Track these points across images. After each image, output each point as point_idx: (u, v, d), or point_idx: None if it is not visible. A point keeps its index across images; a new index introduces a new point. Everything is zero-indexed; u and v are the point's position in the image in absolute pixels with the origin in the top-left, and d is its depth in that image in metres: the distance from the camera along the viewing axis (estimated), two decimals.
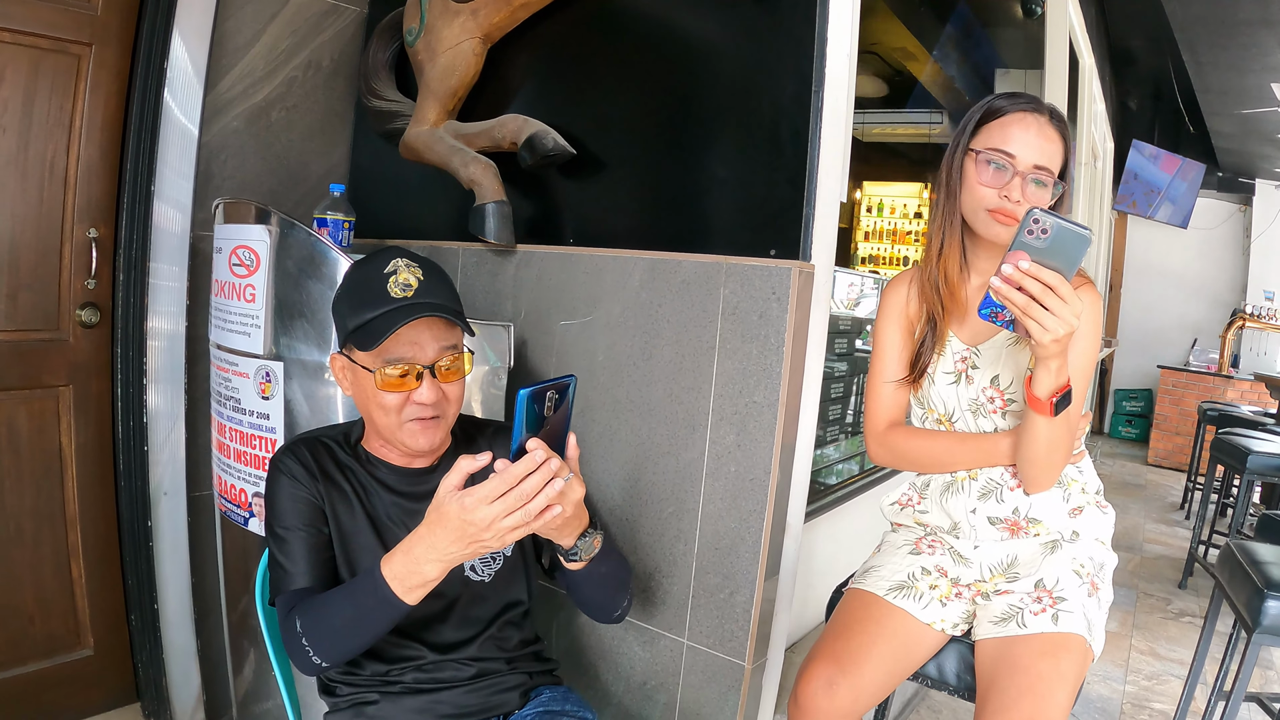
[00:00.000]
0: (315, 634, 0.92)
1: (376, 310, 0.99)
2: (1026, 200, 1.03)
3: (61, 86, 1.70)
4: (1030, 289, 0.88)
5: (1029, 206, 1.01)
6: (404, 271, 1.01)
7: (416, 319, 0.98)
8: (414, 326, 0.99)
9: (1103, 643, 1.05)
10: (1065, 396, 0.98)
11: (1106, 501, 1.16)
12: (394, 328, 0.97)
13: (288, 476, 1.02)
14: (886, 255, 7.45)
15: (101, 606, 1.85)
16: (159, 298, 1.78)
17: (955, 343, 1.13)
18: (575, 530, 0.96)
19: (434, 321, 1.01)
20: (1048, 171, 1.03)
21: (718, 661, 1.34)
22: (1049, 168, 1.03)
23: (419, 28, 1.69)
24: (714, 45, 1.39)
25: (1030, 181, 1.03)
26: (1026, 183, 1.03)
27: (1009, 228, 1.03)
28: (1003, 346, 1.10)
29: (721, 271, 1.31)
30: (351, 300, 1.03)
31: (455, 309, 1.04)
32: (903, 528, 1.24)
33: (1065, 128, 1.06)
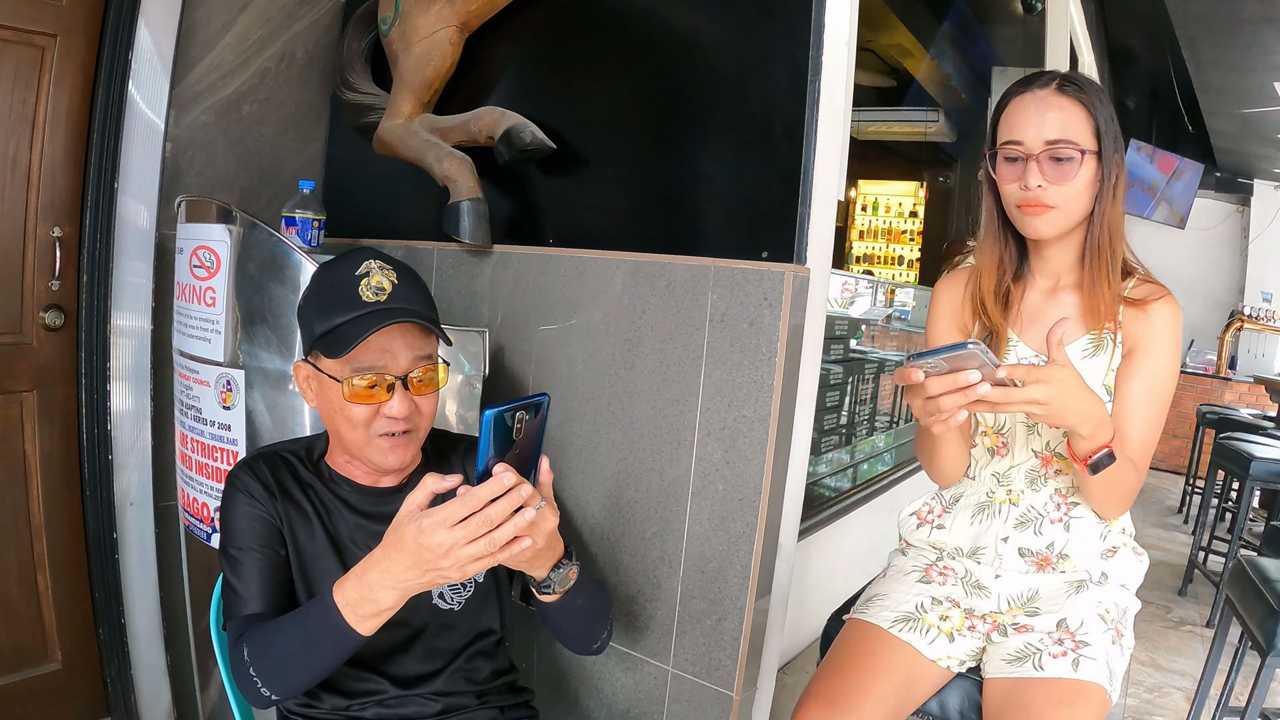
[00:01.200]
0: (263, 664, 0.85)
1: (346, 315, 0.92)
2: (1048, 182, 0.96)
3: (24, 79, 1.64)
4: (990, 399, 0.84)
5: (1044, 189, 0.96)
6: (377, 274, 0.94)
7: (389, 325, 0.91)
8: (386, 334, 0.92)
9: (1119, 693, 0.98)
10: (1105, 456, 0.92)
11: (1142, 548, 1.09)
12: (365, 334, 0.90)
13: (244, 493, 0.96)
14: (881, 254, 7.42)
15: (69, 619, 1.79)
16: (124, 300, 1.72)
17: (1022, 348, 1.06)
18: (548, 562, 0.89)
19: (408, 329, 0.94)
20: (1066, 143, 0.95)
21: (705, 691, 1.27)
22: (1065, 138, 0.95)
23: (394, 16, 1.63)
24: (702, 33, 1.32)
25: (1047, 160, 0.96)
26: (1043, 163, 0.96)
27: (1041, 217, 0.98)
28: (1078, 357, 1.02)
29: (710, 275, 1.25)
30: (319, 303, 0.95)
31: (431, 316, 0.97)
32: (913, 549, 1.16)
33: (1084, 90, 0.97)
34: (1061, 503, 1.05)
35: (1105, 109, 0.97)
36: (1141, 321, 1.00)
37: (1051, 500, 1.05)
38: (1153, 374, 1.00)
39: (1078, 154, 0.96)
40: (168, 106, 1.72)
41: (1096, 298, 1.00)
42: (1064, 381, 0.86)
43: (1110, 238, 1.00)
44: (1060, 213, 0.98)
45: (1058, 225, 1.00)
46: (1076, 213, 0.99)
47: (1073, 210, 0.99)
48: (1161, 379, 1.00)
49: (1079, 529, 1.04)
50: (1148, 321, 1.00)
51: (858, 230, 7.51)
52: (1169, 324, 1.00)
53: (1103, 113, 0.97)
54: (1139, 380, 1.00)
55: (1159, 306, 1.00)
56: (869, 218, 7.44)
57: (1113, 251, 1.00)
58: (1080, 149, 0.96)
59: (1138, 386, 1.00)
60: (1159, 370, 1.00)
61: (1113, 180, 0.99)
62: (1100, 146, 0.97)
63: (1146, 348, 1.00)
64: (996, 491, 1.08)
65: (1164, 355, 1.00)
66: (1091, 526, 1.04)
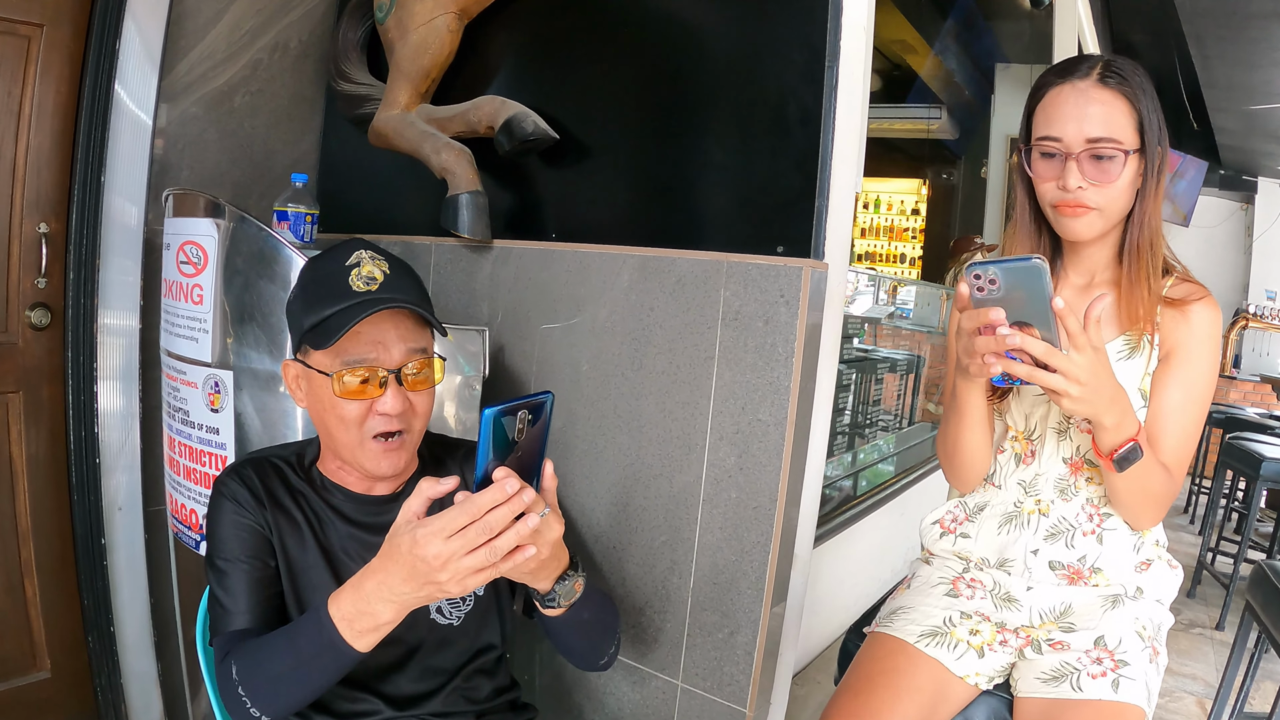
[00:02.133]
0: (252, 682, 0.80)
1: (335, 305, 0.88)
2: (1088, 183, 0.91)
3: (9, 70, 1.60)
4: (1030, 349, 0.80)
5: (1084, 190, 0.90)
6: (368, 264, 0.90)
7: (380, 311, 0.87)
8: (378, 323, 0.88)
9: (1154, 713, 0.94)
10: (1132, 450, 0.87)
11: (1176, 560, 1.04)
12: (354, 320, 0.85)
13: (231, 501, 0.91)
14: (883, 252, 7.41)
15: (58, 627, 1.76)
16: (111, 298, 1.68)
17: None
18: (553, 573, 0.84)
19: (400, 318, 0.89)
20: (1109, 141, 0.89)
21: (716, 707, 1.22)
22: (1108, 136, 0.89)
23: (390, 3, 1.59)
24: (712, 15, 1.27)
25: (1087, 159, 0.91)
26: (1083, 162, 0.91)
27: (1081, 219, 0.93)
28: (1113, 359, 0.97)
29: (722, 271, 1.20)
30: (308, 296, 0.91)
31: (424, 306, 0.92)
32: (937, 559, 1.11)
33: (1127, 80, 0.91)
34: (1094, 514, 1.00)
35: (1149, 99, 0.91)
36: (1180, 324, 0.95)
37: (1084, 511, 1.00)
38: (1191, 380, 0.95)
39: (1121, 153, 0.90)
40: (156, 98, 1.68)
41: (1135, 299, 0.95)
42: (1103, 361, 0.82)
43: (1152, 238, 0.95)
44: (1100, 214, 0.93)
45: (1097, 228, 0.94)
46: (1117, 212, 0.94)
47: (1113, 210, 0.94)
48: (1199, 386, 0.95)
49: (1112, 541, 0.99)
50: (1186, 324, 0.95)
51: (859, 228, 7.49)
52: (1209, 327, 0.95)
53: (1146, 104, 0.91)
54: (1176, 387, 0.95)
55: (1199, 309, 0.95)
56: (871, 215, 7.43)
57: (1154, 252, 0.95)
58: (1124, 149, 0.90)
59: (1175, 393, 0.95)
60: (1198, 376, 0.95)
61: (1155, 176, 0.93)
62: (1144, 142, 0.91)
63: (1185, 352, 0.95)
64: (1024, 501, 1.02)
65: (1203, 361, 0.95)
66: (1125, 539, 0.99)
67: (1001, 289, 0.79)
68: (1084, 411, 0.84)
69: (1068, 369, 0.79)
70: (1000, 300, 0.79)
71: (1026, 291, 0.78)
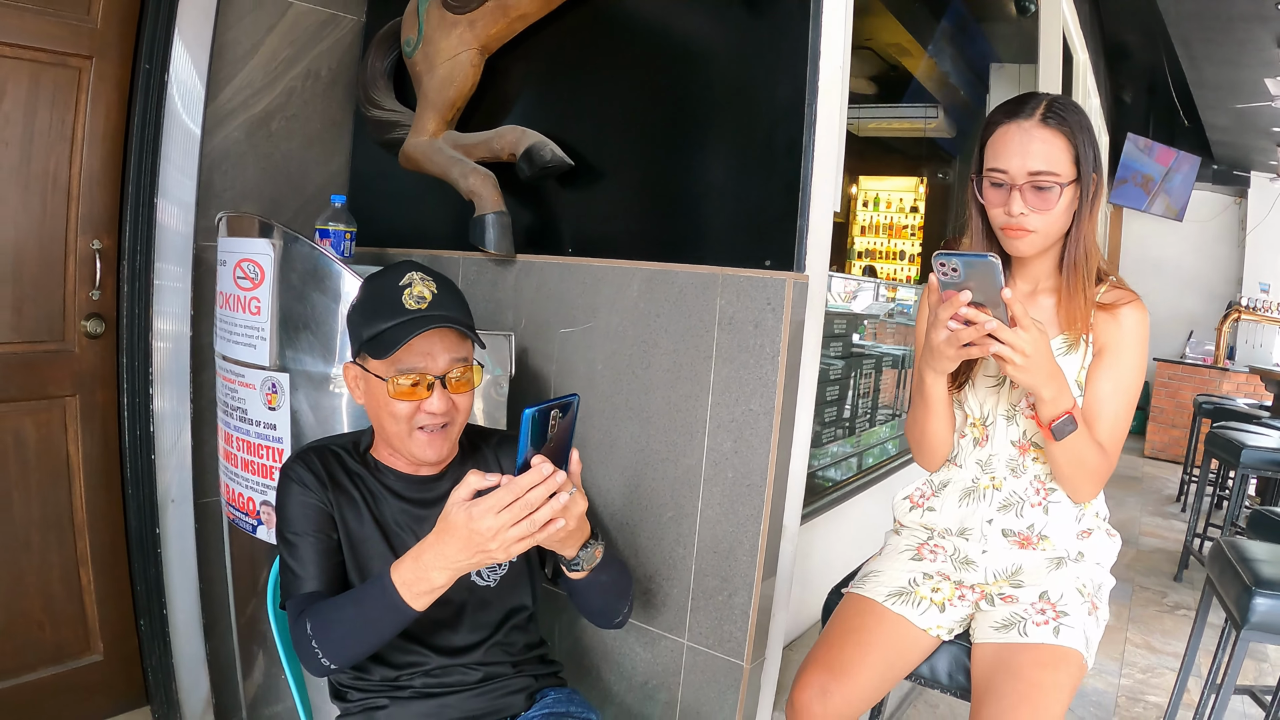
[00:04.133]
0: (325, 637, 0.95)
1: (391, 321, 1.02)
2: (1030, 210, 1.04)
3: (62, 99, 1.72)
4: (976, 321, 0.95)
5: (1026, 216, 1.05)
6: (418, 284, 1.04)
7: (429, 330, 1.01)
8: (426, 338, 1.02)
9: (1094, 661, 1.07)
10: (1067, 422, 1.01)
11: (1115, 530, 1.18)
12: (408, 337, 1.00)
13: (298, 484, 1.05)
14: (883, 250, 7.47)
15: (110, 613, 1.88)
16: (164, 307, 1.81)
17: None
18: (577, 542, 0.99)
19: (446, 333, 1.04)
20: (1047, 174, 1.03)
21: (717, 661, 1.37)
22: (1047, 169, 1.03)
23: (417, 38, 1.71)
24: (708, 57, 1.41)
25: (1029, 189, 1.04)
26: (1026, 192, 1.04)
27: (1023, 239, 1.07)
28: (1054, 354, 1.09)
29: (717, 282, 1.34)
30: (366, 311, 1.06)
31: (467, 322, 1.07)
32: (906, 530, 1.25)
33: (1065, 120, 1.03)
34: (1041, 488, 1.14)
35: (1086, 134, 1.05)
36: (1111, 325, 1.09)
37: (1032, 486, 1.14)
38: (1120, 372, 1.09)
39: (1058, 185, 1.03)
40: (202, 124, 1.80)
41: (1072, 306, 1.09)
42: (1044, 339, 0.97)
43: (1086, 254, 1.09)
44: (1040, 235, 1.07)
45: (1037, 246, 1.08)
46: (1055, 232, 1.08)
47: (1052, 231, 1.07)
48: (1128, 377, 1.09)
49: (1057, 512, 1.13)
50: (1117, 325, 1.09)
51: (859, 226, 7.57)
52: (1137, 327, 1.09)
53: (1083, 139, 1.04)
54: (1107, 379, 1.09)
55: (1127, 311, 1.09)
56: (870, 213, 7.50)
57: (1088, 266, 1.09)
58: (1061, 181, 1.04)
59: (1106, 384, 1.09)
60: (1126, 369, 1.09)
61: (1090, 200, 1.07)
62: (1079, 172, 1.05)
63: (1115, 349, 1.09)
64: (981, 478, 1.17)
65: (1131, 356, 1.09)
66: (1068, 510, 1.13)
67: (962, 275, 0.94)
68: (1026, 381, 0.98)
69: (1014, 341, 0.95)
70: (959, 286, 0.95)
71: (981, 281, 0.94)
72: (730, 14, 1.37)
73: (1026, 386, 1.01)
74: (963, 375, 1.15)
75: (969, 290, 0.95)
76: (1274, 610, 1.47)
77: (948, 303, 0.97)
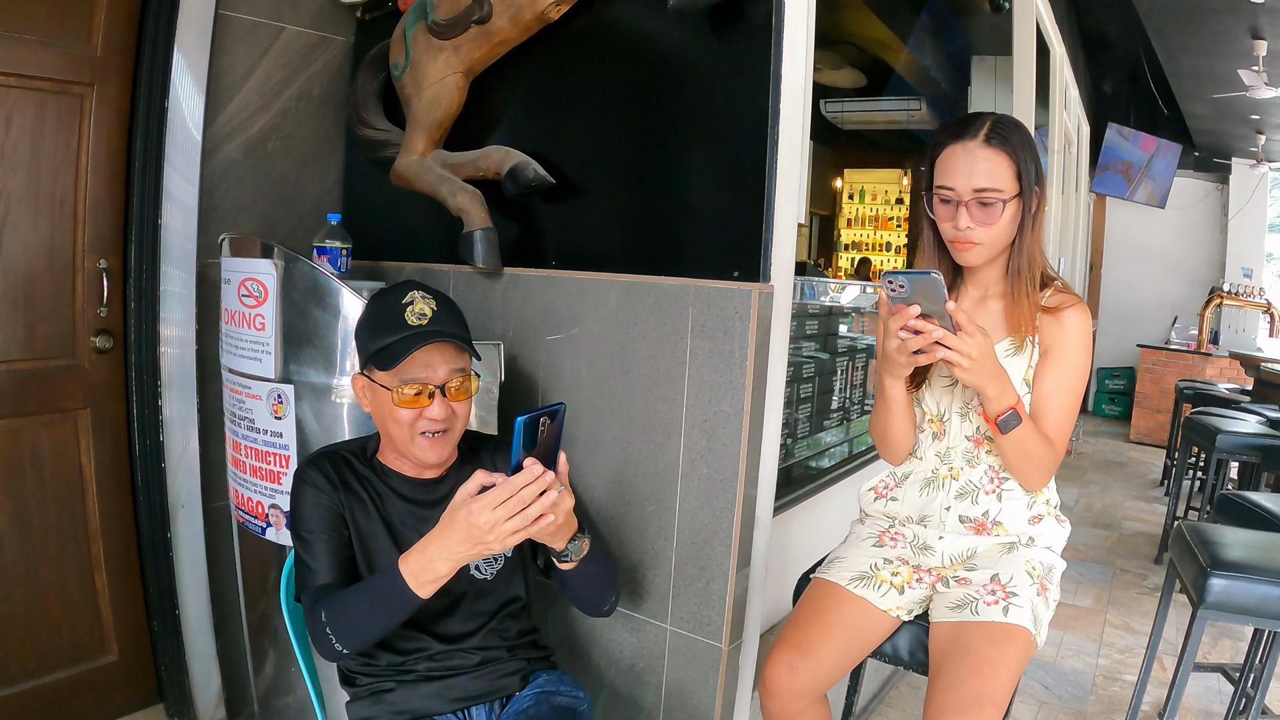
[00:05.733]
0: (339, 623, 1.04)
1: (395, 335, 1.12)
2: (976, 224, 1.13)
3: (66, 126, 1.79)
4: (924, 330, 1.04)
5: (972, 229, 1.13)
6: (420, 302, 1.15)
7: (430, 344, 1.11)
8: (427, 351, 1.12)
9: (1045, 637, 1.15)
10: (1011, 417, 1.10)
11: (1064, 516, 1.27)
12: (411, 351, 1.10)
13: (311, 486, 1.15)
14: (869, 240, 7.56)
15: (124, 615, 1.95)
16: (170, 322, 1.88)
17: None
18: (566, 535, 1.10)
19: (445, 347, 1.14)
20: (991, 190, 1.11)
21: (698, 644, 1.46)
22: (990, 186, 1.11)
23: (405, 62, 1.78)
24: (681, 80, 1.49)
25: (975, 205, 1.12)
26: (972, 208, 1.12)
27: (970, 251, 1.15)
28: (1001, 356, 1.17)
29: (690, 293, 1.42)
30: (372, 327, 1.16)
31: (465, 336, 1.17)
32: (869, 519, 1.34)
33: (1008, 140, 1.10)
34: (994, 478, 1.23)
35: (1027, 151, 1.13)
36: (1055, 327, 1.18)
37: (986, 475, 1.23)
38: (1064, 371, 1.17)
39: (1001, 201, 1.12)
40: (202, 146, 1.87)
41: (1018, 311, 1.18)
42: (987, 343, 1.06)
43: (1029, 262, 1.17)
44: (985, 246, 1.15)
45: (983, 257, 1.17)
46: (1000, 243, 1.16)
47: (997, 242, 1.16)
48: (1071, 374, 1.18)
49: (1009, 500, 1.22)
50: (1060, 327, 1.17)
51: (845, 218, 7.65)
52: (1078, 329, 1.17)
53: (1024, 156, 1.12)
54: (1052, 376, 1.18)
55: (1070, 314, 1.17)
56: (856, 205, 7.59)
57: (1031, 274, 1.17)
58: (1004, 196, 1.12)
59: (1051, 381, 1.18)
60: (1070, 367, 1.17)
61: (1032, 212, 1.15)
62: (1021, 187, 1.13)
63: (1059, 349, 1.18)
64: (940, 468, 1.26)
65: (1074, 355, 1.17)
66: (1020, 498, 1.22)
67: (909, 291, 1.04)
68: (972, 380, 1.08)
69: (959, 347, 1.04)
70: (907, 300, 1.05)
71: (926, 295, 1.03)
72: (701, 37, 1.44)
73: (973, 386, 1.10)
74: (920, 376, 1.23)
75: (917, 304, 1.04)
76: (1229, 590, 1.54)
77: (897, 315, 1.06)
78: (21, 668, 1.80)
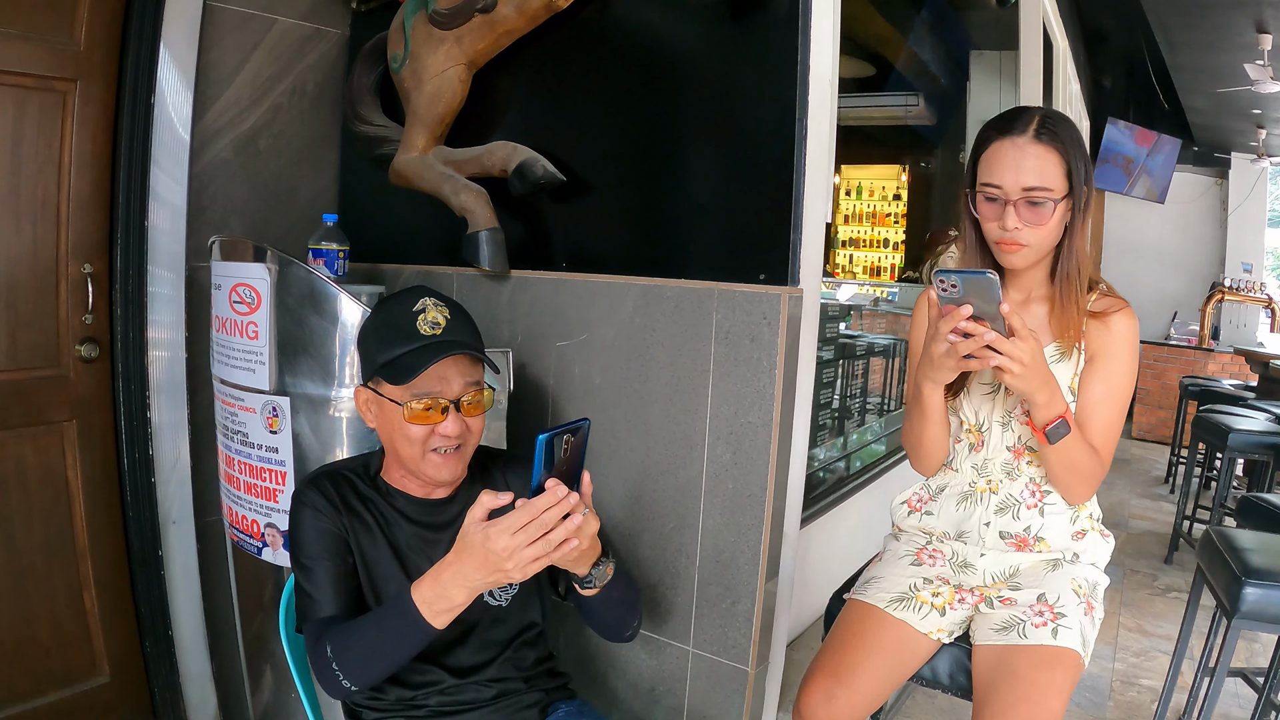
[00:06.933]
0: (345, 658, 0.97)
1: (406, 346, 1.04)
2: (1024, 224, 1.07)
3: (48, 124, 1.71)
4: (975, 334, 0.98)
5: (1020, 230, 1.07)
6: (432, 310, 1.06)
7: (446, 357, 1.03)
8: (442, 364, 1.04)
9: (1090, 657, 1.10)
10: (1060, 425, 1.05)
11: (1108, 530, 1.21)
12: (426, 364, 1.02)
13: (311, 509, 1.07)
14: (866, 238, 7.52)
15: (115, 635, 1.88)
16: (158, 330, 1.81)
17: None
18: (590, 560, 1.02)
19: (459, 358, 1.06)
20: (1041, 189, 1.05)
21: (723, 667, 1.40)
22: (1040, 185, 1.05)
23: (404, 54, 1.71)
24: (700, 70, 1.42)
25: (1023, 204, 1.07)
26: (1020, 207, 1.07)
27: (1017, 253, 1.09)
28: (1050, 360, 1.13)
29: (714, 297, 1.36)
30: (380, 336, 1.07)
31: (479, 347, 1.09)
32: (905, 534, 1.28)
33: (1058, 135, 1.06)
34: (1036, 490, 1.17)
35: (1077, 148, 1.07)
36: (1102, 332, 1.13)
37: (1027, 489, 1.17)
38: (1111, 379, 1.12)
39: (1052, 200, 1.06)
40: (190, 145, 1.80)
41: (1065, 316, 1.13)
42: (1039, 349, 1.00)
43: (1079, 266, 1.12)
44: (1033, 249, 1.10)
45: (1030, 259, 1.11)
46: (1047, 246, 1.11)
47: (1045, 245, 1.10)
48: (1120, 382, 1.13)
49: (1052, 514, 1.16)
50: (1108, 332, 1.12)
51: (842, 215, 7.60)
52: (1126, 334, 1.12)
53: (1075, 153, 1.07)
54: (1099, 383, 1.13)
55: (1118, 319, 1.12)
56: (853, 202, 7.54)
57: (1080, 277, 1.12)
58: (1055, 196, 1.06)
59: (1098, 389, 1.13)
60: (1117, 375, 1.12)
61: (1082, 212, 1.10)
62: (1071, 186, 1.08)
63: (1106, 356, 1.13)
64: (978, 481, 1.20)
65: (1122, 362, 1.12)
66: (1062, 512, 1.17)
67: (961, 291, 0.98)
68: (1022, 388, 1.02)
69: (1012, 352, 0.98)
70: (958, 300, 0.99)
71: (980, 296, 0.97)
72: (720, 27, 1.38)
73: (1022, 393, 1.04)
74: (958, 384, 1.18)
75: (969, 305, 0.98)
76: (1264, 599, 1.51)
77: (948, 317, 1.00)
78: (10, 691, 1.73)
